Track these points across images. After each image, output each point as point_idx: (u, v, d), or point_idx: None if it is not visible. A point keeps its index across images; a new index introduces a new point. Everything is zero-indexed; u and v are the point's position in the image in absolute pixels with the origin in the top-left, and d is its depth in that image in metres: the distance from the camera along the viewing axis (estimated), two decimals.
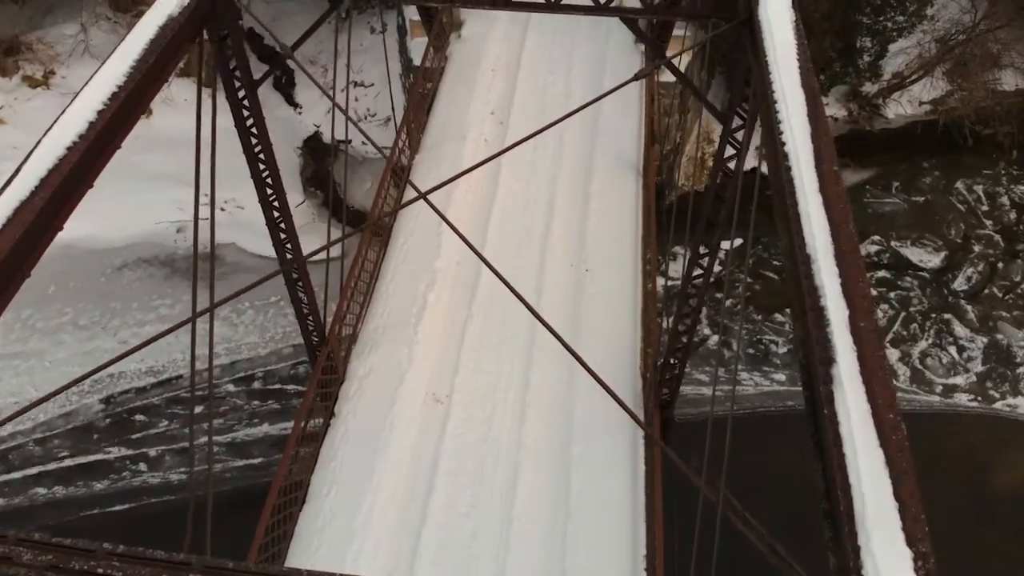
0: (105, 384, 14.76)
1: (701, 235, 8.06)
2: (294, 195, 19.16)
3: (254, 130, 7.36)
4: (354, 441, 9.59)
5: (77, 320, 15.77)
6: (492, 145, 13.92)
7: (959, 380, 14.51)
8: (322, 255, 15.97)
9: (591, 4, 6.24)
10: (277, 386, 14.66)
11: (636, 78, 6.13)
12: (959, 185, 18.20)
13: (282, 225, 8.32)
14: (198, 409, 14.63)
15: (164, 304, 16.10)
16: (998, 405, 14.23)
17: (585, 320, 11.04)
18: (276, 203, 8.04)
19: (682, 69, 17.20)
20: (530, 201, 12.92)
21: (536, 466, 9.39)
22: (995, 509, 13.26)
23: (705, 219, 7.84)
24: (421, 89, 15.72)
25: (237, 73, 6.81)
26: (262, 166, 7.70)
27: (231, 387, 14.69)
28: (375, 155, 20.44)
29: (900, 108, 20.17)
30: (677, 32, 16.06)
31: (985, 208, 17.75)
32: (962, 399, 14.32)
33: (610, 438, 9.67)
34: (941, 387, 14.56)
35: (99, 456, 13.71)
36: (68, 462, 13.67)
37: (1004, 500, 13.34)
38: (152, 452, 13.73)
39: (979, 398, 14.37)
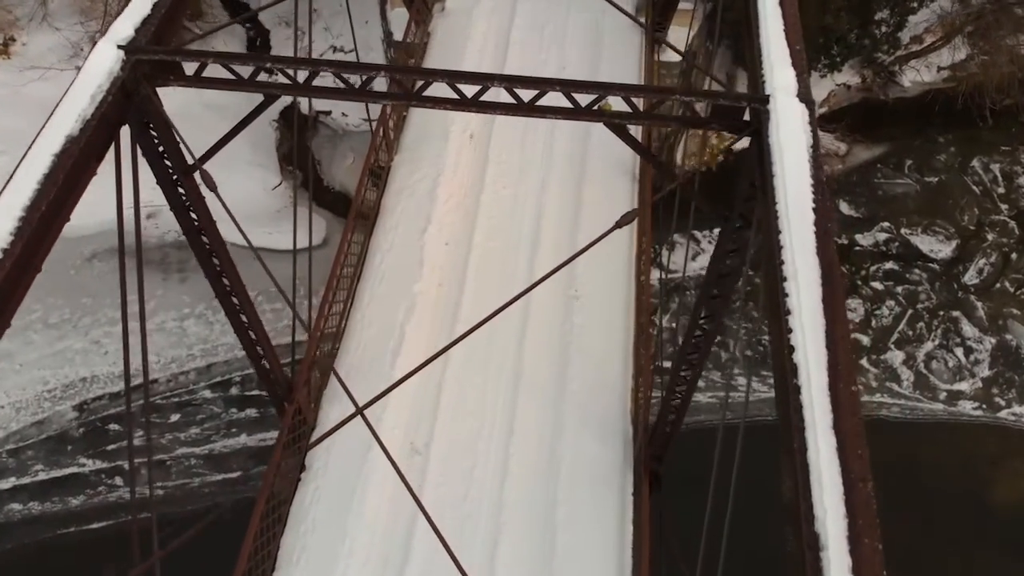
0: (78, 389, 14.23)
1: (701, 306, 7.30)
2: (270, 175, 18.16)
3: (194, 213, 6.52)
4: (326, 500, 9.09)
5: (47, 318, 15.10)
6: (478, 141, 12.95)
7: (964, 386, 13.97)
8: (300, 243, 14.80)
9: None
10: (255, 392, 14.13)
11: (618, 225, 5.36)
12: (975, 163, 17.20)
13: (242, 316, 7.56)
14: (175, 417, 14.17)
15: (137, 299, 15.39)
16: (1003, 414, 13.74)
17: (574, 354, 10.37)
18: (230, 287, 7.26)
19: (687, 41, 15.96)
20: (518, 208, 12.05)
21: (518, 529, 8.91)
22: (996, 524, 12.94)
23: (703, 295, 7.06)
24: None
25: (168, 160, 5.94)
26: (207, 244, 6.88)
27: (208, 393, 14.16)
28: (356, 128, 19.35)
29: (917, 75, 18.92)
30: (685, 5, 14.84)
31: (1001, 190, 16.82)
32: (967, 407, 13.81)
33: (597, 495, 9.17)
34: (945, 393, 14.03)
35: (73, 469, 13.31)
36: (43, 475, 13.28)
37: (1006, 515, 13.00)
38: (127, 465, 13.30)
39: (984, 406, 13.86)
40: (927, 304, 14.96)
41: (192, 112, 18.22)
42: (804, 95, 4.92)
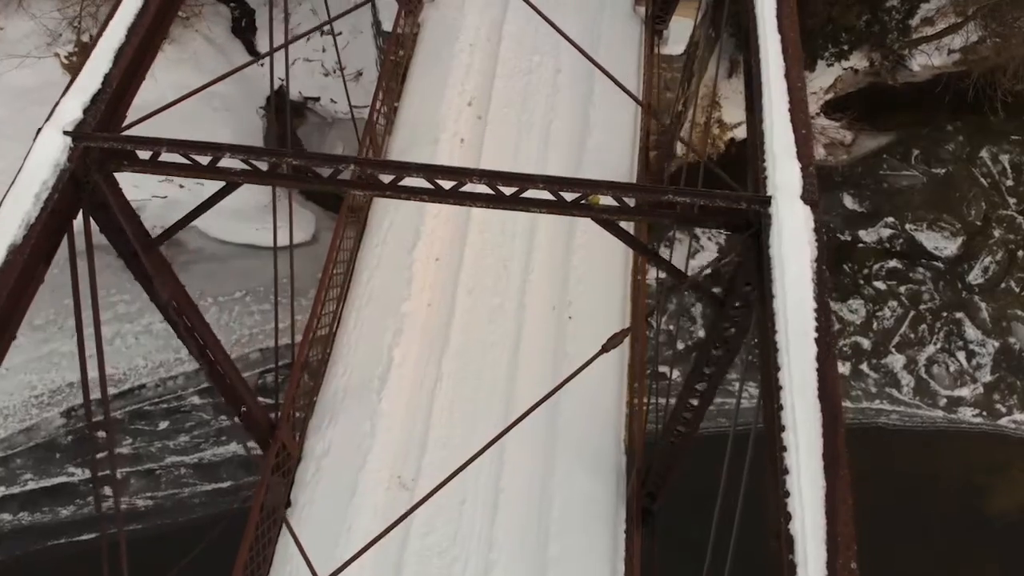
0: (65, 395, 14.01)
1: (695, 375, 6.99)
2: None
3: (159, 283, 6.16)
4: (311, 541, 8.89)
5: (31, 319, 14.79)
6: (469, 146, 12.47)
7: (965, 392, 13.74)
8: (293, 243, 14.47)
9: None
10: None
11: (604, 349, 5.07)
12: (984, 154, 16.69)
13: (218, 367, 7.26)
14: (164, 424, 13.99)
15: (122, 300, 15.06)
16: (1003, 421, 13.54)
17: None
18: (203, 342, 6.94)
19: (689, 30, 15.31)
20: (510, 221, 11.64)
21: (509, 567, 8.76)
22: (992, 534, 12.85)
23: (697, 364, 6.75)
24: (393, 57, 13.97)
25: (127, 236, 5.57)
26: (175, 305, 6.54)
27: (196, 399, 13.95)
28: (346, 115, 18.72)
29: (927, 59, 18.26)
30: None
31: (1010, 183, 16.34)
32: (967, 414, 13.61)
33: (589, 531, 9.01)
34: (946, 400, 13.81)
35: (63, 479, 13.17)
36: (32, 485, 13.14)
37: (1003, 524, 12.91)
38: (116, 474, 13.14)
39: (984, 412, 13.65)
40: (930, 305, 14.64)
41: (174, 97, 17.63)
42: (809, 195, 4.54)
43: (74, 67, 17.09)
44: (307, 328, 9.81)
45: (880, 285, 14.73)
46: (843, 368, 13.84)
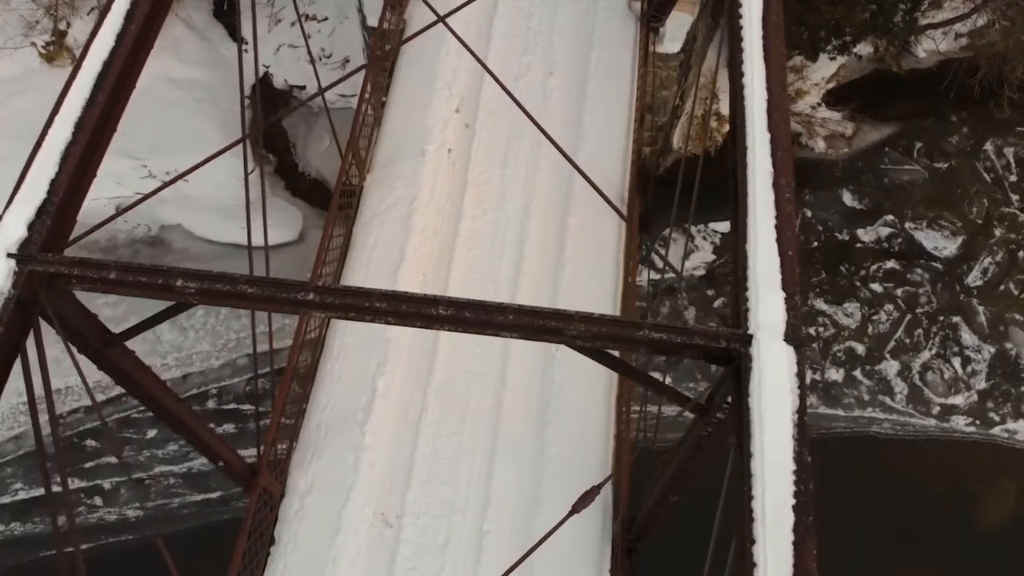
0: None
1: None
2: (242, 161, 17.18)
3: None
4: None
5: None
6: (457, 157, 12.10)
7: (959, 400, 13.63)
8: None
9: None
10: (233, 405, 13.84)
11: (575, 509, 4.82)
12: (988, 147, 16.27)
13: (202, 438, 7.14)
14: (152, 434, 13.94)
15: (107, 303, 14.83)
16: (996, 430, 13.46)
17: (553, 412, 9.97)
18: (179, 416, 6.79)
19: (687, 27, 14.74)
20: (498, 239, 11.36)
21: None
22: (980, 543, 12.91)
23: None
24: (379, 51, 13.47)
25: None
26: (145, 388, 6.36)
27: None
28: (333, 105, 18.15)
29: (932, 44, 17.66)
30: None
31: (1014, 178, 15.96)
32: (959, 423, 13.52)
33: (574, 571, 8.99)
34: (939, 408, 13.71)
35: (53, 488, 13.12)
36: (23, 494, 13.15)
37: (990, 534, 12.95)
38: (106, 485, 13.17)
39: (977, 421, 13.56)
40: (927, 308, 14.43)
41: (155, 88, 17.07)
42: (793, 335, 4.31)
43: (50, 56, 16.56)
44: (287, 369, 9.65)
45: (877, 287, 14.50)
46: (836, 375, 13.73)
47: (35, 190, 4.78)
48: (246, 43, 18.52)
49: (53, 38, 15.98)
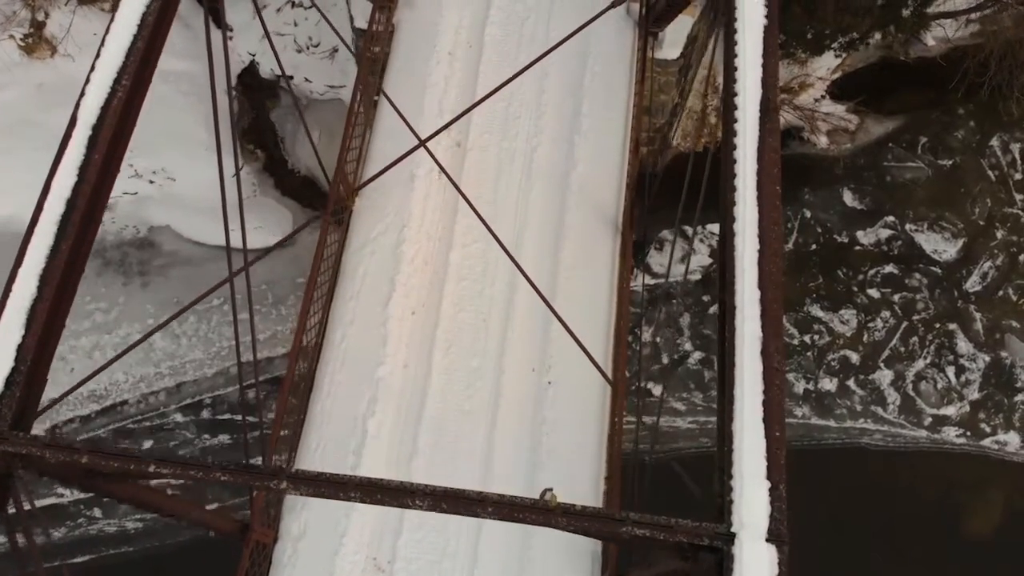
0: (48, 413, 13.94)
1: None
2: (228, 159, 16.75)
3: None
4: None
5: None
6: (447, 181, 11.78)
7: (951, 411, 13.67)
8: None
9: None
10: (227, 416, 13.88)
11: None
12: (994, 142, 15.87)
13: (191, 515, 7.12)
14: (148, 443, 14.02)
15: (99, 308, 14.74)
16: (987, 442, 13.54)
17: (545, 453, 10.00)
18: (167, 511, 6.79)
19: (686, 31, 14.17)
20: (490, 268, 11.19)
21: None
22: (967, 555, 13.15)
23: None
24: (369, 53, 13.00)
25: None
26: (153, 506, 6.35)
27: (179, 416, 13.91)
28: (322, 96, 17.63)
29: (942, 31, 17.03)
30: None
31: (1018, 176, 15.63)
32: (950, 434, 13.58)
33: None
34: (931, 419, 13.76)
35: (51, 500, 13.33)
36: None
37: (977, 546, 13.19)
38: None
39: (968, 432, 13.62)
40: (924, 315, 14.32)
41: None
42: (776, 531, 4.24)
43: (30, 48, 15.99)
44: (276, 415, 9.62)
45: (874, 293, 14.36)
46: (830, 384, 13.74)
47: (1, 357, 4.65)
48: (232, 30, 17.98)
49: (31, 30, 15.40)
